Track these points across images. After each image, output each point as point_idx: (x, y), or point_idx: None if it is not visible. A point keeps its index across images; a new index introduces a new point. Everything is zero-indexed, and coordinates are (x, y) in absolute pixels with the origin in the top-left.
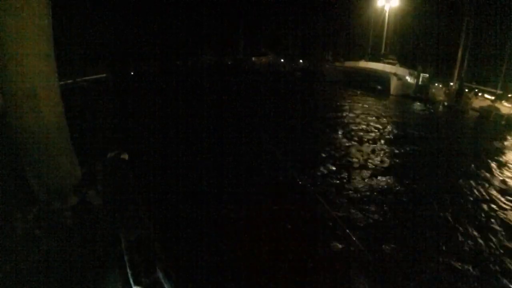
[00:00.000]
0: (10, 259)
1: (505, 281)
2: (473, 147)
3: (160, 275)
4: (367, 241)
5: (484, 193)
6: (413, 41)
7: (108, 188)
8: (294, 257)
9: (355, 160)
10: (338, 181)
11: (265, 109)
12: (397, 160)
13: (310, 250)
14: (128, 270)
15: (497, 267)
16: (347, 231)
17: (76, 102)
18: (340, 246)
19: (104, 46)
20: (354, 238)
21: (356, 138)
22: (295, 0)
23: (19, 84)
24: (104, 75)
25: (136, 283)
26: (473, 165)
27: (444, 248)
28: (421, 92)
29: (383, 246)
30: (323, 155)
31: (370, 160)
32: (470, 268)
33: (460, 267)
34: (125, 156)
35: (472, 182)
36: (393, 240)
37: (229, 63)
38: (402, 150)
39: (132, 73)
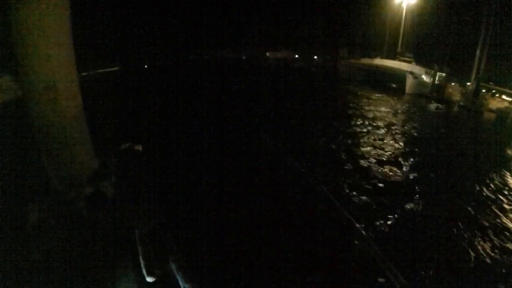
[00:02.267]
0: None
1: None
2: (485, 156)
3: (173, 266)
4: None
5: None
6: (431, 39)
7: (121, 179)
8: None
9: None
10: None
11: (277, 106)
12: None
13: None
14: (141, 261)
15: None
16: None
17: (92, 94)
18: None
19: (117, 39)
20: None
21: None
22: None
23: (39, 76)
24: (117, 68)
25: (149, 274)
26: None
27: None
28: (437, 92)
29: None
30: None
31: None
32: None
33: None
34: (139, 148)
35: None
36: None
37: (243, 58)
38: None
39: (146, 67)
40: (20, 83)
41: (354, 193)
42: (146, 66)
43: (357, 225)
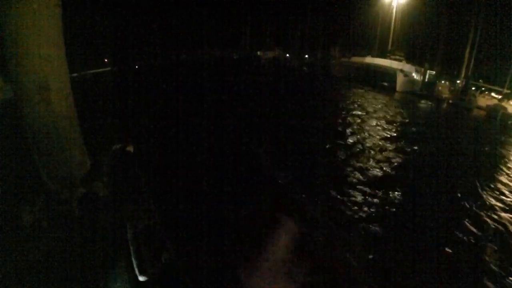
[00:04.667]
0: (12, 255)
1: None
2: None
3: (165, 264)
4: None
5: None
6: (421, 37)
7: (114, 180)
8: None
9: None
10: None
11: (269, 106)
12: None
13: None
14: (133, 260)
15: None
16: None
17: (83, 95)
18: None
19: (107, 39)
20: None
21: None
22: None
23: (31, 76)
24: (108, 68)
25: (141, 273)
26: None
27: None
28: (427, 89)
29: None
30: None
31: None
32: None
33: None
34: (131, 148)
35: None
36: None
37: (234, 58)
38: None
39: (137, 67)
40: (11, 83)
41: None
42: (137, 67)
43: None
